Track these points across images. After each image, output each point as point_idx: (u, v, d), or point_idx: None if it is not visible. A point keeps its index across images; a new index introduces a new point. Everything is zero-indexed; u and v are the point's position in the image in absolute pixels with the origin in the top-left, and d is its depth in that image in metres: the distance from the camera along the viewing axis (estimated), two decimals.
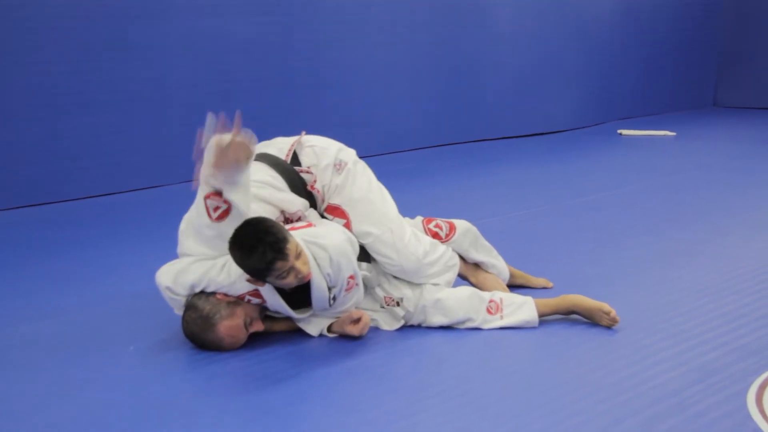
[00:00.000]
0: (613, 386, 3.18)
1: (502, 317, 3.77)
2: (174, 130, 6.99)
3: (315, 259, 3.42)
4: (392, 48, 8.42)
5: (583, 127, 10.20)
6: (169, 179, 6.95)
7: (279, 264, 3.24)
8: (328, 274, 3.46)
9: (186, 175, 6.82)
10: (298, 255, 3.31)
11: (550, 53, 9.69)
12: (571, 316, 3.86)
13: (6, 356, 3.55)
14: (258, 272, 3.28)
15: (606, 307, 3.76)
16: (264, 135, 4.16)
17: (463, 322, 3.76)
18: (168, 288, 3.53)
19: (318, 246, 3.43)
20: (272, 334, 3.68)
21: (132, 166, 6.81)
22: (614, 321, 3.73)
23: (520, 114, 9.59)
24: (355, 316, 3.62)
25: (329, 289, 3.50)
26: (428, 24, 8.66)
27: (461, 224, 4.09)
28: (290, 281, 3.33)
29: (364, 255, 3.77)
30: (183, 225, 3.58)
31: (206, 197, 3.38)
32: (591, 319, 3.79)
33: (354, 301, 3.65)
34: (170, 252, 3.70)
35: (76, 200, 6.45)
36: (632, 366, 3.35)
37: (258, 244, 3.22)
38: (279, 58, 7.54)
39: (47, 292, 4.37)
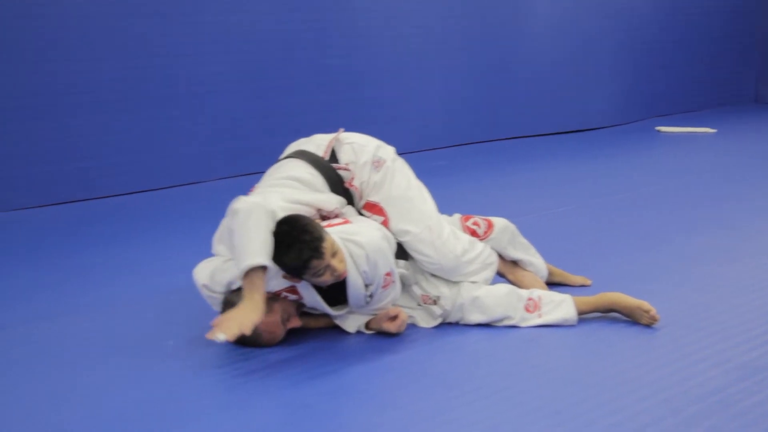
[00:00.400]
0: (652, 384, 3.14)
1: (540, 315, 3.75)
2: (206, 128, 7.05)
3: (351, 256, 3.41)
4: (426, 44, 8.41)
5: (621, 124, 10.13)
6: (202, 176, 7.00)
7: (315, 262, 3.26)
8: (365, 272, 3.45)
9: (216, 173, 6.94)
10: (334, 253, 3.31)
11: (587, 49, 9.64)
12: (610, 314, 3.82)
13: (45, 351, 3.58)
14: (294, 270, 3.29)
15: (646, 305, 3.72)
16: (298, 132, 4.18)
17: (501, 320, 3.74)
18: (205, 285, 3.55)
19: (354, 243, 3.43)
20: (309, 330, 3.68)
21: (164, 164, 6.86)
22: (654, 319, 3.69)
23: (556, 111, 9.55)
24: (393, 313, 3.62)
25: (366, 286, 3.49)
26: (463, 19, 8.65)
27: (499, 222, 4.07)
28: (326, 279, 3.34)
29: (402, 252, 3.76)
30: (218, 234, 3.62)
31: None
32: (630, 317, 3.76)
33: (391, 299, 3.64)
34: (203, 249, 3.77)
35: (106, 198, 6.54)
36: (672, 364, 3.32)
37: (294, 243, 3.24)
38: (312, 55, 7.56)
39: (82, 287, 4.42)
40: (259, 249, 3.23)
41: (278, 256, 3.28)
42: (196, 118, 6.98)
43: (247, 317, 3.20)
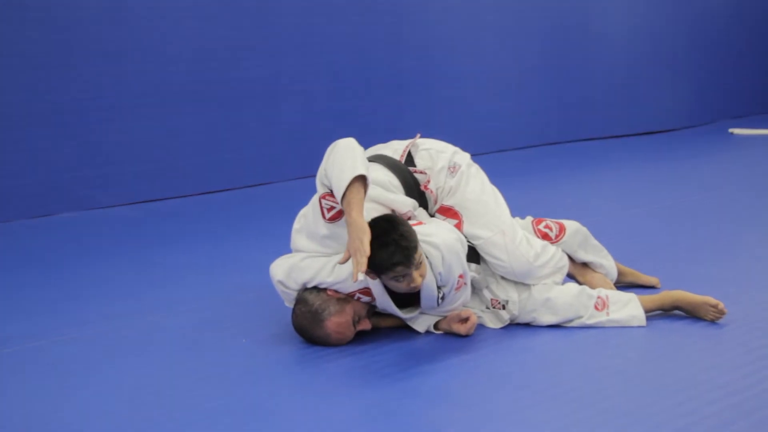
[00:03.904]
0: (724, 387, 3.13)
1: (608, 313, 3.77)
2: (284, 128, 7.12)
3: (427, 257, 3.45)
4: (499, 46, 8.42)
5: (693, 126, 10.01)
6: (278, 177, 7.07)
7: (401, 268, 3.30)
8: (440, 273, 3.48)
9: (290, 174, 6.99)
10: (419, 265, 3.35)
11: (659, 50, 9.55)
12: (672, 312, 3.84)
13: (122, 348, 3.66)
14: (378, 267, 3.33)
15: (712, 300, 3.74)
16: (373, 133, 4.22)
17: (572, 320, 3.76)
18: (280, 282, 3.61)
19: (430, 245, 3.46)
20: (379, 329, 3.72)
21: (243, 163, 6.94)
22: (721, 313, 3.72)
23: (628, 113, 9.48)
24: (464, 315, 3.64)
25: (438, 288, 3.53)
26: (537, 21, 8.63)
27: (571, 225, 4.08)
28: (401, 286, 3.38)
29: (474, 256, 3.79)
30: (297, 224, 3.66)
31: (321, 197, 3.47)
32: (695, 314, 3.78)
33: (462, 300, 3.67)
34: (277, 248, 3.83)
35: (178, 198, 6.62)
36: (744, 367, 3.30)
37: (391, 243, 3.28)
38: (387, 58, 7.60)
39: (157, 286, 4.50)
40: (359, 165, 3.32)
41: (371, 249, 3.31)
42: (271, 119, 7.05)
43: (361, 242, 3.22)
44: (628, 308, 3.78)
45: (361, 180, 3.33)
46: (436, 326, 3.72)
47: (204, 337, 3.74)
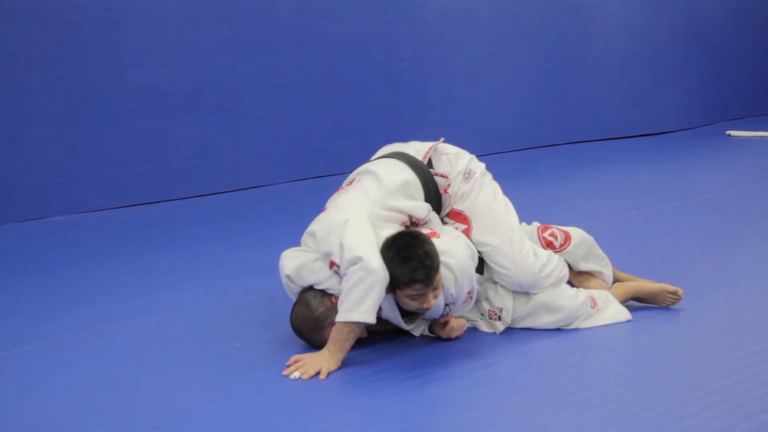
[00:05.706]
0: (724, 390, 3.11)
1: (598, 310, 3.81)
2: (280, 129, 7.10)
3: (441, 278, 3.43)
4: (497, 48, 8.41)
5: (691, 128, 10.01)
6: (274, 179, 7.05)
7: (419, 286, 3.29)
8: (451, 294, 3.48)
9: (291, 175, 6.98)
10: (435, 288, 3.34)
11: (657, 52, 9.56)
12: (628, 302, 3.94)
13: (117, 351, 3.63)
14: (397, 282, 3.31)
15: (669, 287, 3.90)
16: (368, 136, 4.18)
17: (572, 322, 3.75)
18: (288, 276, 3.57)
19: (446, 266, 3.43)
20: (377, 334, 3.67)
21: (238, 166, 6.92)
22: (679, 298, 3.88)
23: (627, 114, 9.48)
24: (443, 320, 3.62)
25: (447, 305, 3.52)
26: (534, 23, 8.63)
27: (577, 235, 4.04)
28: (412, 305, 3.37)
29: (478, 267, 3.76)
30: (310, 228, 3.60)
31: (331, 264, 3.45)
32: (653, 302, 3.95)
33: (464, 311, 3.67)
34: (272, 251, 3.83)
35: (184, 199, 6.61)
36: (744, 370, 3.27)
37: (414, 258, 3.27)
38: (382, 59, 7.59)
39: (151, 289, 4.47)
40: (370, 308, 3.30)
41: (391, 262, 3.31)
42: (265, 121, 7.03)
43: (325, 366, 3.33)
44: (610, 304, 3.85)
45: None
46: (430, 329, 3.69)
47: (199, 341, 3.72)
